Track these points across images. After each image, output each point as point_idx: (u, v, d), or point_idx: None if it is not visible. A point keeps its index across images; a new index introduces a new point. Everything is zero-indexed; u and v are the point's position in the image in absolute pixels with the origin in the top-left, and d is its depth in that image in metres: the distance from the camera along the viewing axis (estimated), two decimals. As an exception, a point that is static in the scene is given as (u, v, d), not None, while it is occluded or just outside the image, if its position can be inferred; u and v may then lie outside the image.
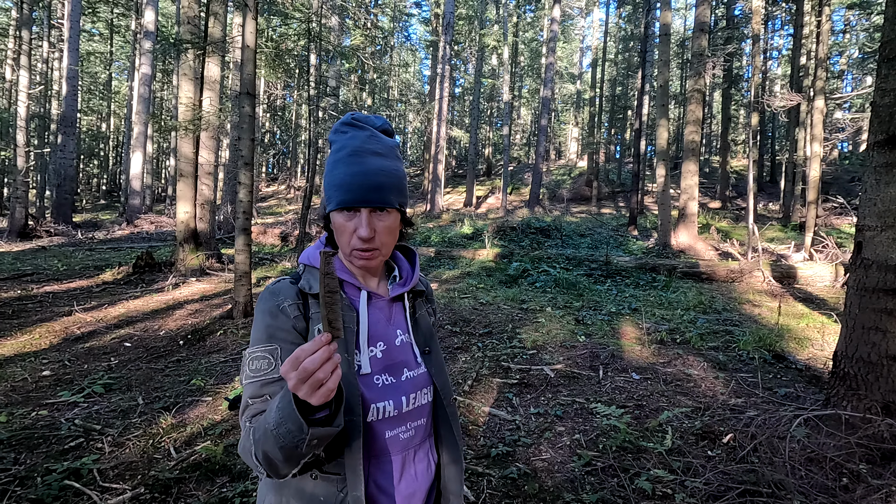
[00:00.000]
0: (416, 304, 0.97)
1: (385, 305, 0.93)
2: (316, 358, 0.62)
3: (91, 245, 11.00)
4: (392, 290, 0.94)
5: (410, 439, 0.88)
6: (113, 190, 28.78)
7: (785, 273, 7.50)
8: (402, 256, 1.01)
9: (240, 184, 5.10)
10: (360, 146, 0.87)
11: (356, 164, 0.85)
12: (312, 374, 0.62)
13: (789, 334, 4.87)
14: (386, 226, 0.86)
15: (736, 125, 28.58)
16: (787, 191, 16.11)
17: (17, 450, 2.59)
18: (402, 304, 0.95)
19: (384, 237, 0.86)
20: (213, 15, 7.52)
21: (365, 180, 0.84)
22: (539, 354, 4.32)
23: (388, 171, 0.87)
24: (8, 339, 4.50)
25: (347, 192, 0.84)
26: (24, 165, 12.36)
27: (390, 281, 0.97)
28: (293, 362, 0.63)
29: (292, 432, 0.66)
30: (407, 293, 0.95)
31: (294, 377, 0.62)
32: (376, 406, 0.83)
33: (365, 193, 0.83)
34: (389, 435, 0.85)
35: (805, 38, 16.06)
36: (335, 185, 0.85)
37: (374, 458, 0.84)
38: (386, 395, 0.85)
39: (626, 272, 8.25)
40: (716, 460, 2.57)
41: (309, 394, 0.63)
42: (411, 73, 37.92)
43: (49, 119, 20.69)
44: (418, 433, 0.90)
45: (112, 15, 23.16)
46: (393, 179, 0.87)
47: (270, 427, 0.68)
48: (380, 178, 0.85)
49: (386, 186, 0.85)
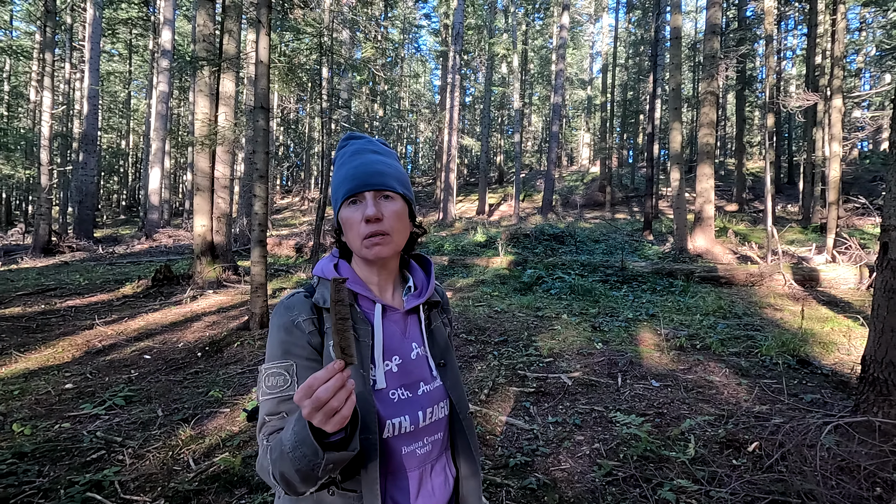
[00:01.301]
0: (431, 316, 0.96)
1: (400, 318, 0.91)
2: (329, 386, 0.62)
3: (111, 259, 11.23)
4: (407, 302, 0.93)
5: (427, 454, 0.87)
6: (132, 205, 29.42)
7: (807, 276, 7.33)
8: (418, 266, 1.00)
9: (255, 196, 5.16)
10: (360, 148, 0.92)
11: (357, 160, 0.89)
12: (326, 402, 0.62)
13: (814, 338, 4.75)
14: (394, 210, 0.87)
15: (751, 127, 28.20)
16: (807, 192, 15.80)
17: (41, 462, 2.63)
18: (418, 315, 0.94)
19: (393, 222, 0.86)
20: (228, 32, 7.69)
21: (366, 168, 0.87)
22: (556, 362, 4.27)
23: (388, 163, 0.90)
24: (32, 352, 4.60)
25: (351, 182, 0.86)
26: (48, 183, 12.70)
27: (405, 292, 0.96)
28: (306, 390, 0.63)
29: (307, 456, 0.66)
30: (422, 304, 0.94)
31: (308, 405, 0.62)
32: (392, 422, 0.82)
33: (367, 177, 0.86)
34: (406, 451, 0.84)
35: (820, 38, 15.84)
36: (339, 183, 0.88)
37: (391, 474, 0.83)
38: (402, 410, 0.84)
39: (642, 277, 8.14)
40: (741, 469, 2.50)
41: (323, 421, 0.63)
42: (422, 83, 38.25)
43: (71, 138, 21.29)
44: (435, 448, 0.89)
45: (131, 35, 23.84)
46: (393, 170, 0.90)
47: (287, 449, 0.68)
48: (379, 166, 0.88)
49: (387, 173, 0.88)
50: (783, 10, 19.95)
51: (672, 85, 11.38)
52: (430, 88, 39.47)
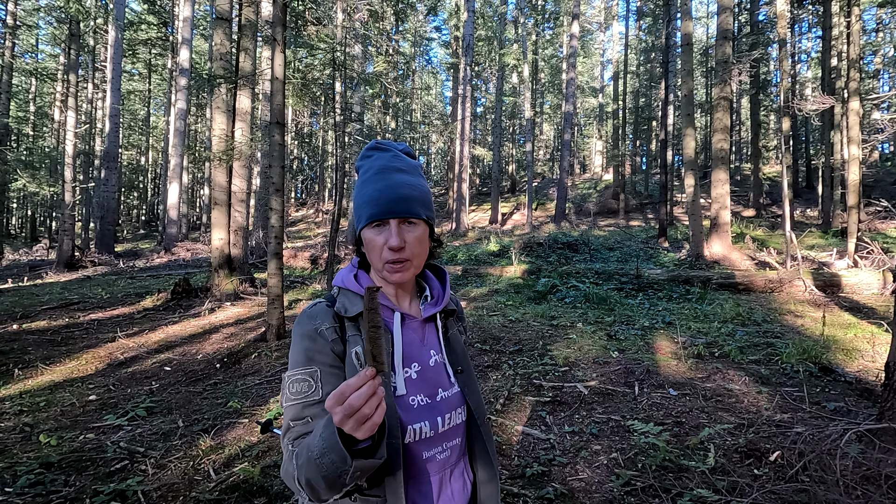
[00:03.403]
0: (447, 324, 0.99)
1: (418, 326, 0.94)
2: (361, 393, 0.62)
3: (132, 273, 11.47)
4: (424, 311, 0.95)
5: (447, 459, 0.89)
6: (151, 220, 30.05)
7: (828, 281, 7.19)
8: (433, 276, 1.03)
9: (271, 210, 5.26)
10: (385, 165, 0.91)
11: (382, 180, 0.89)
12: (358, 409, 0.62)
13: (836, 345, 4.65)
14: (416, 237, 0.88)
15: (766, 131, 27.86)
16: (826, 196, 15.52)
17: (67, 472, 2.69)
18: (435, 324, 0.96)
19: (415, 248, 0.88)
20: (244, 50, 7.89)
21: (392, 193, 0.87)
22: (571, 371, 4.25)
23: (413, 185, 0.90)
24: (57, 365, 4.72)
25: (375, 206, 0.87)
26: (71, 200, 13.07)
27: (422, 301, 0.99)
28: (338, 397, 0.63)
29: (335, 463, 0.66)
30: (439, 313, 0.96)
31: (339, 412, 0.63)
32: (413, 427, 0.84)
33: (392, 205, 0.86)
34: (427, 456, 0.86)
35: (835, 40, 15.64)
36: (363, 202, 0.89)
37: (413, 479, 0.85)
38: (422, 416, 0.86)
39: (658, 285, 8.05)
40: (763, 479, 2.46)
41: (354, 428, 0.63)
42: (433, 95, 38.60)
43: (93, 155, 21.90)
44: (454, 453, 0.90)
45: (150, 55, 24.53)
46: (418, 193, 0.90)
47: (314, 455, 0.68)
48: (405, 190, 0.88)
49: (412, 198, 0.88)
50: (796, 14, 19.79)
51: (684, 91, 11.34)
52: (442, 100, 39.82)
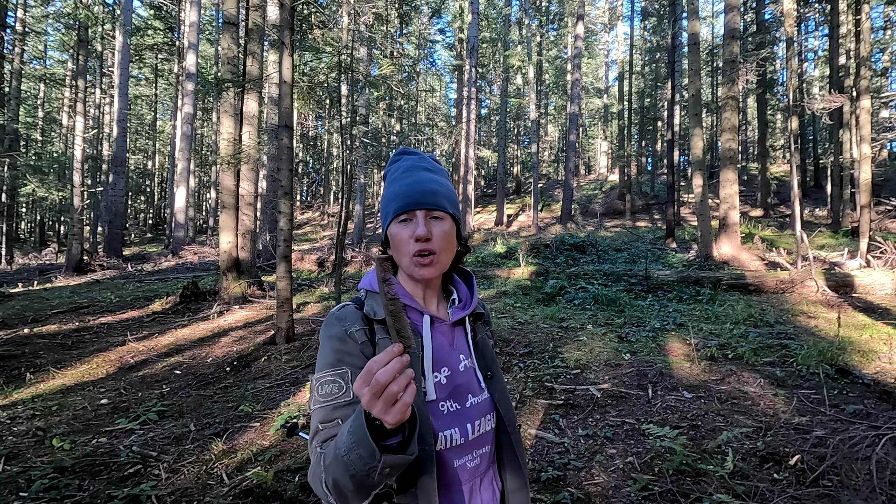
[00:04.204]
0: (476, 328, 0.97)
1: (447, 330, 0.92)
2: (389, 369, 0.59)
3: (140, 277, 11.53)
4: (453, 314, 0.94)
5: (477, 467, 0.87)
6: (158, 223, 30.23)
7: (840, 282, 7.10)
8: (460, 280, 1.01)
9: (280, 213, 5.26)
10: (412, 165, 0.93)
11: (410, 177, 0.90)
12: (386, 386, 0.58)
13: (852, 347, 4.58)
14: (443, 230, 0.87)
15: (773, 130, 27.67)
16: (835, 195, 15.38)
17: (80, 476, 2.69)
18: (464, 328, 0.94)
19: (441, 242, 0.87)
20: (251, 54, 7.92)
21: (419, 187, 0.88)
22: (583, 374, 4.21)
23: (440, 182, 0.91)
24: (69, 369, 4.73)
25: (403, 199, 0.87)
26: (80, 204, 13.15)
27: (450, 304, 0.97)
28: (366, 376, 0.60)
29: (364, 458, 0.62)
30: (468, 317, 0.95)
31: (367, 392, 0.59)
32: (444, 434, 0.82)
33: (420, 196, 0.87)
34: (458, 464, 0.84)
35: (843, 38, 15.53)
36: (391, 199, 0.89)
37: (444, 487, 0.82)
38: (452, 422, 0.84)
39: (667, 286, 7.99)
40: (784, 484, 2.41)
41: (384, 410, 0.59)
42: (438, 97, 38.65)
43: (101, 160, 22.09)
44: (483, 461, 0.88)
45: (157, 60, 24.72)
46: (445, 190, 0.91)
47: (342, 452, 0.65)
48: (432, 185, 0.89)
49: (439, 193, 0.89)
50: (803, 12, 19.65)
51: (692, 90, 11.28)
52: (446, 102, 39.88)
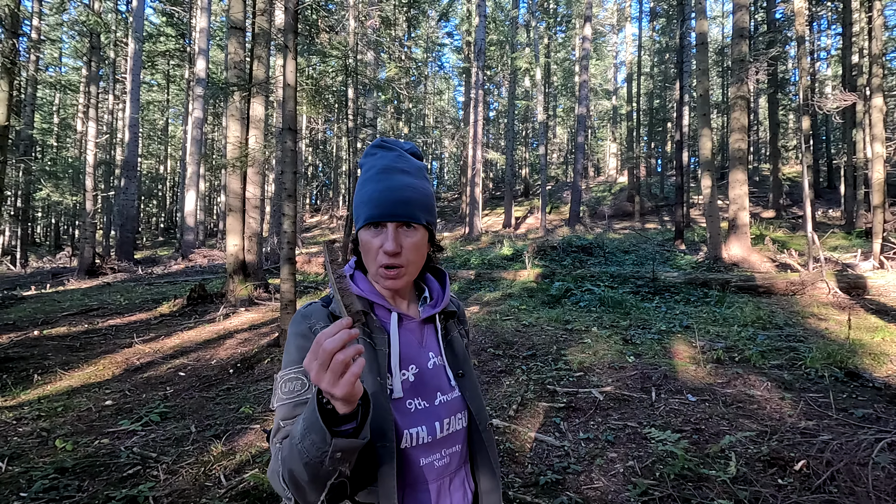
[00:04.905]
0: (448, 326, 0.95)
1: (416, 327, 0.90)
2: (337, 338, 0.59)
3: (150, 280, 11.66)
4: (423, 312, 0.92)
5: (446, 467, 0.85)
6: (170, 227, 30.61)
7: (853, 283, 6.96)
8: (432, 277, 1.00)
9: (284, 215, 5.28)
10: (389, 164, 0.88)
11: (384, 181, 0.86)
12: (333, 355, 0.59)
13: (863, 349, 4.48)
14: (413, 242, 0.85)
15: (785, 131, 27.33)
16: (848, 196, 15.13)
17: (80, 477, 2.71)
18: (434, 325, 0.93)
19: (411, 254, 0.85)
20: (257, 58, 7.99)
21: (392, 195, 0.84)
22: (586, 376, 4.16)
23: (416, 187, 0.87)
24: (76, 370, 4.79)
25: (375, 207, 0.84)
26: (92, 208, 13.35)
27: (420, 302, 0.95)
28: (314, 348, 0.61)
29: (316, 444, 0.63)
30: (438, 314, 0.93)
31: (316, 364, 0.60)
32: (409, 432, 0.80)
33: (392, 207, 0.83)
34: (424, 462, 0.82)
35: (856, 36, 15.30)
36: (363, 201, 0.86)
37: (409, 486, 0.81)
38: (419, 420, 0.82)
39: (674, 288, 7.90)
40: (788, 490, 2.36)
41: (332, 382, 0.60)
42: (445, 99, 38.73)
43: (114, 164, 22.41)
44: (454, 460, 0.86)
45: (168, 66, 25.08)
46: (420, 196, 0.87)
47: (296, 441, 0.66)
48: (407, 192, 0.85)
49: (413, 202, 0.85)
50: (815, 11, 19.41)
51: (700, 91, 11.17)
52: (454, 104, 39.94)
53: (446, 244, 16.62)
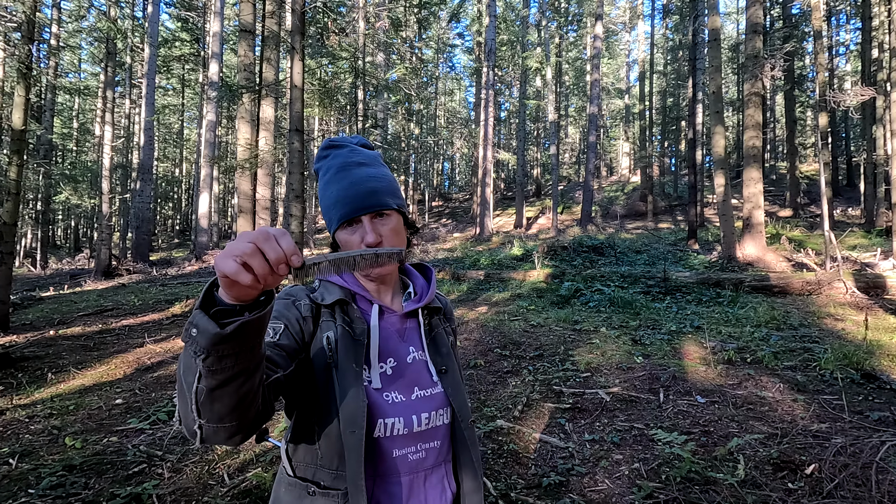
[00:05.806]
0: (432, 322, 0.95)
1: (398, 321, 0.91)
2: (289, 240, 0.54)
3: (164, 281, 11.83)
4: (406, 306, 0.92)
5: (420, 461, 0.84)
6: (185, 229, 31.06)
7: (871, 283, 6.79)
8: (417, 273, 1.00)
9: (291, 216, 5.32)
10: (344, 161, 0.89)
11: (345, 178, 0.87)
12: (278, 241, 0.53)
13: (881, 350, 4.36)
14: (391, 228, 0.87)
15: (803, 128, 26.81)
16: (868, 193, 14.78)
17: (87, 475, 2.74)
18: (418, 320, 0.92)
19: (391, 240, 0.86)
20: (266, 61, 8.06)
21: (358, 189, 0.85)
22: (593, 377, 4.11)
23: (377, 176, 0.88)
24: (89, 369, 4.87)
25: (344, 206, 0.85)
26: (109, 211, 13.61)
27: (405, 297, 0.95)
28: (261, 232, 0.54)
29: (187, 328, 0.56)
30: (422, 310, 0.93)
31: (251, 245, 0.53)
32: (384, 421, 0.80)
33: (361, 201, 0.84)
34: (397, 454, 0.81)
35: (875, 30, 14.96)
36: (331, 204, 0.87)
37: (380, 477, 0.81)
38: (396, 412, 0.82)
39: (686, 288, 7.78)
40: (798, 494, 2.30)
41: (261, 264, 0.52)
42: (456, 100, 38.75)
43: (130, 168, 22.85)
44: (430, 456, 0.85)
45: (183, 70, 25.47)
46: (384, 183, 0.88)
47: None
48: (371, 183, 0.86)
49: (379, 190, 0.87)
50: (833, 5, 19.02)
51: (713, 87, 11.00)
52: (465, 105, 39.90)
53: (456, 245, 16.61)
